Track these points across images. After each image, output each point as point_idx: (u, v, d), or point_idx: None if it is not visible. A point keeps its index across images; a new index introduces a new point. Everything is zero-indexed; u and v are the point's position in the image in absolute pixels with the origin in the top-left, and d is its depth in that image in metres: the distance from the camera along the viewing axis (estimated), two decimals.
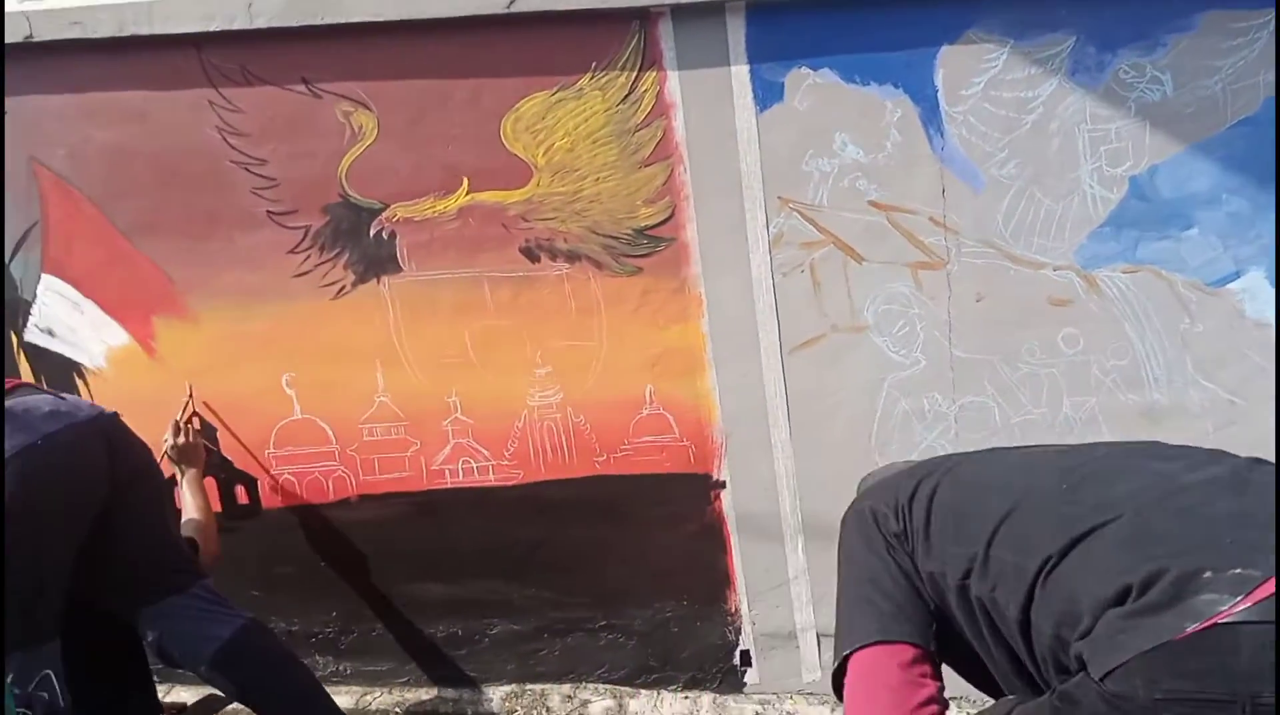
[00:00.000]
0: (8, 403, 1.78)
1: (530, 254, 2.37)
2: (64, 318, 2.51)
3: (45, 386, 2.52)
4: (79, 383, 2.55)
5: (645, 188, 2.30)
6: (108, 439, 1.91)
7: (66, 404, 1.89)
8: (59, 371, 2.55)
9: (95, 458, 1.86)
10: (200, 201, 2.42)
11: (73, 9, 2.29)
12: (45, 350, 2.55)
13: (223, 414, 2.51)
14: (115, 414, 2.04)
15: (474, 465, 2.49)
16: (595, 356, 2.39)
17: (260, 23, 2.25)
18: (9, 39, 2.32)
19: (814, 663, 2.51)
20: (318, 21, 2.23)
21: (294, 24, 2.25)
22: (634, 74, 2.24)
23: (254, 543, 2.61)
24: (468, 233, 2.37)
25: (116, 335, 2.51)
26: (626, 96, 2.26)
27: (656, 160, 2.28)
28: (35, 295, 2.51)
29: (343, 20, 2.23)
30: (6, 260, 2.52)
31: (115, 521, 1.86)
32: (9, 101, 2.42)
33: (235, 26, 2.26)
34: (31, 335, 2.53)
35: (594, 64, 2.25)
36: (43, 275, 2.50)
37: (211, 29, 2.27)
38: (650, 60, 2.23)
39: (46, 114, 2.41)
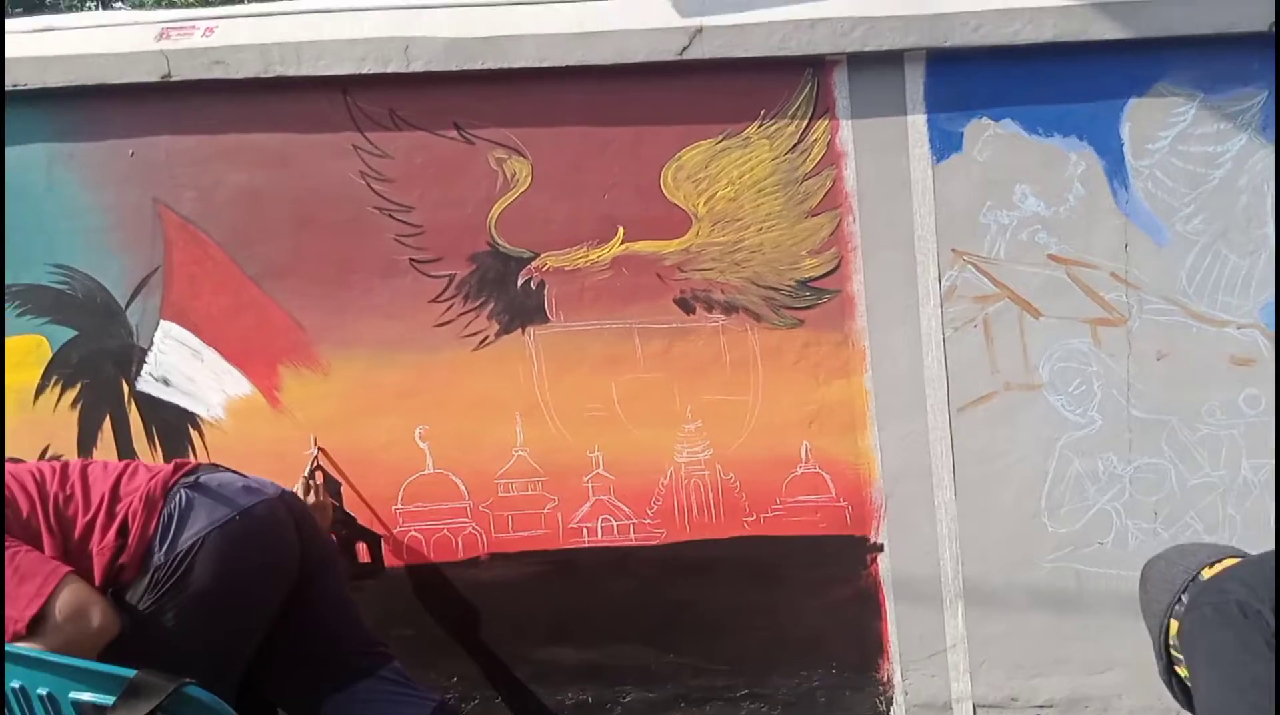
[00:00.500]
0: (203, 478, 1.67)
1: (685, 305, 2.29)
2: (182, 366, 2.41)
3: (158, 438, 2.41)
4: (194, 434, 2.43)
5: (811, 238, 2.24)
6: (295, 517, 1.81)
7: (255, 480, 1.80)
8: (173, 422, 2.45)
9: (289, 534, 1.76)
10: (338, 248, 2.34)
11: (217, 48, 2.20)
12: (159, 400, 2.45)
13: (349, 468, 2.41)
14: (294, 492, 1.93)
15: (614, 523, 2.39)
16: (749, 411, 2.32)
17: (416, 67, 2.19)
18: (144, 78, 2.24)
19: None
20: (478, 66, 2.18)
21: (452, 68, 2.16)
22: (804, 122, 2.20)
23: (374, 603, 2.49)
24: (620, 283, 2.29)
25: (238, 385, 2.41)
26: (795, 145, 2.21)
27: (824, 210, 2.23)
28: (152, 342, 2.40)
29: (505, 66, 2.17)
30: (123, 305, 2.39)
31: (306, 602, 1.75)
32: (136, 143, 2.31)
33: (390, 69, 2.19)
34: (145, 384, 2.43)
35: (763, 112, 2.21)
36: (161, 322, 2.40)
37: (364, 71, 2.18)
38: (822, 108, 2.19)
39: (176, 155, 2.35)
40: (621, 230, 2.30)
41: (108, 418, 2.48)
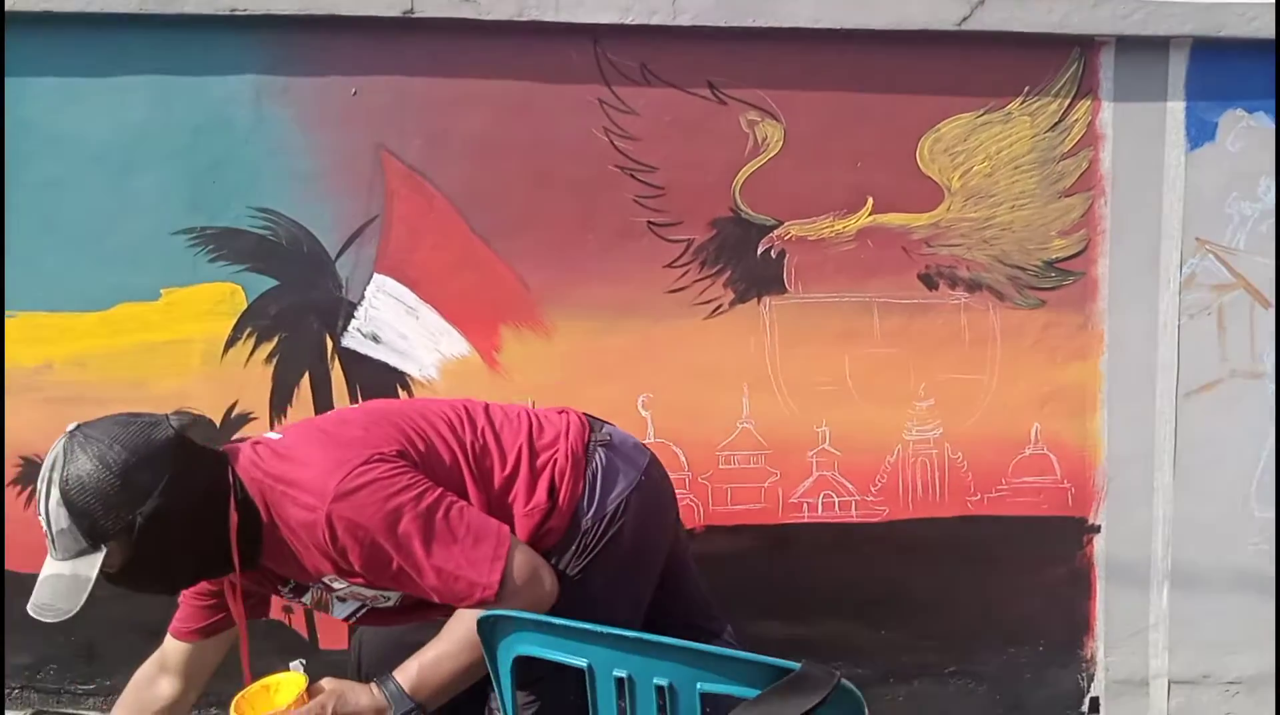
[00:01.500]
0: (612, 436, 1.60)
1: (928, 281, 2.31)
2: (395, 323, 2.32)
3: (362, 399, 2.32)
4: (402, 395, 2.33)
5: (1061, 219, 2.28)
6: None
7: (632, 437, 1.72)
8: (380, 382, 2.38)
9: (673, 492, 1.70)
10: (574, 206, 2.29)
11: None
12: (367, 358, 2.36)
13: None
14: None
15: (836, 500, 2.41)
16: (984, 391, 2.36)
17: (683, 20, 2.13)
18: (384, 12, 2.13)
19: (1161, 709, 2.51)
20: (748, 23, 2.16)
21: (719, 23, 2.12)
22: (1067, 102, 2.24)
23: None
24: (864, 255, 2.30)
25: (455, 345, 2.33)
26: (1056, 124, 2.25)
27: (1077, 191, 2.27)
28: (363, 297, 2.29)
29: (776, 24, 2.15)
30: (333, 256, 2.27)
31: (672, 568, 1.69)
32: (360, 81, 2.20)
33: (654, 21, 2.13)
34: (352, 340, 2.33)
35: (1027, 88, 2.23)
36: (375, 275, 2.30)
37: (626, 21, 2.12)
38: (1086, 89, 2.23)
39: (406, 98, 2.23)
40: (871, 201, 2.30)
41: (306, 375, 2.37)
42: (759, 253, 2.36)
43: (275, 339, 2.39)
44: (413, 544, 1.35)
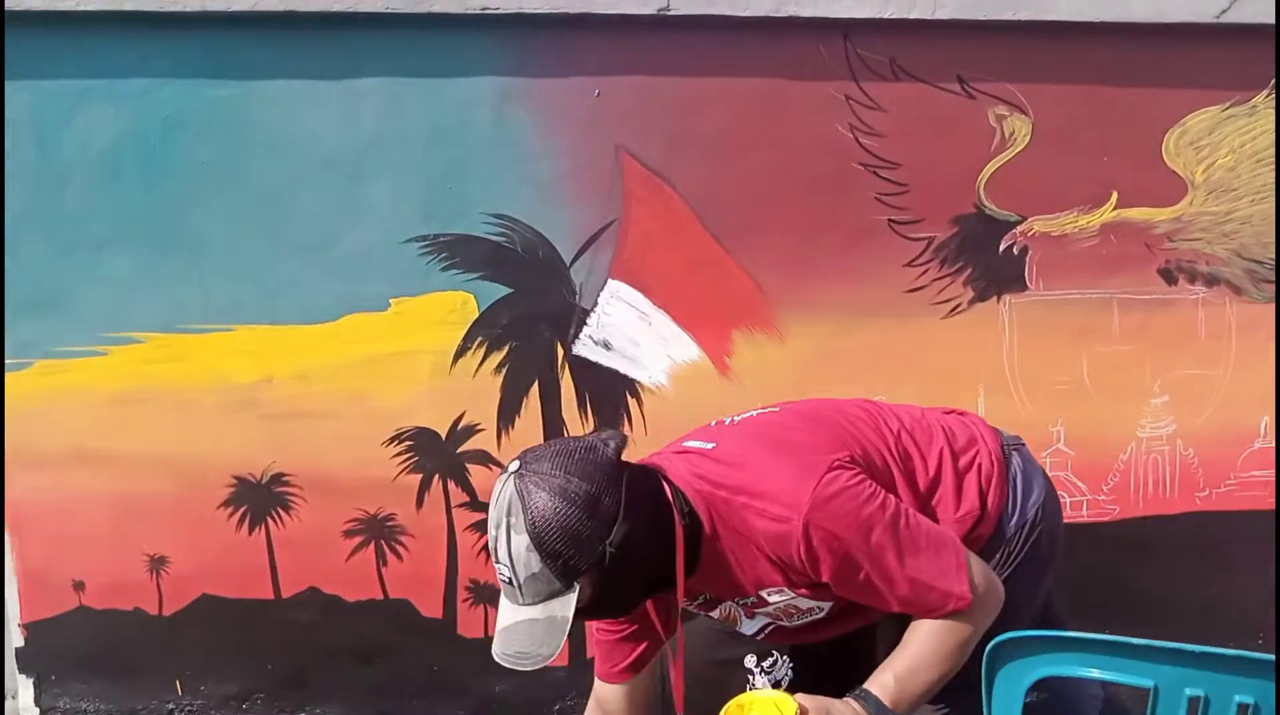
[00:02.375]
0: (1009, 434, 1.58)
1: (1168, 276, 2.32)
2: (627, 330, 2.29)
3: (590, 407, 2.28)
4: (631, 403, 2.31)
5: None
6: None
7: None
8: (609, 390, 2.35)
9: None
10: (813, 205, 2.28)
11: None
12: (596, 366, 2.33)
13: None
14: None
15: (1068, 500, 2.41)
16: (1217, 386, 2.36)
17: (942, 14, 2.13)
18: (638, 10, 2.11)
19: None
20: (1009, 17, 2.14)
21: (979, 17, 2.11)
22: None
23: None
24: (1106, 251, 2.30)
25: (687, 350, 2.30)
26: None
27: None
28: (596, 303, 2.26)
29: (1037, 18, 2.11)
30: (568, 262, 2.24)
31: None
32: (603, 82, 2.17)
33: (913, 15, 2.11)
34: (583, 347, 2.30)
35: (1272, 81, 2.21)
36: (609, 281, 2.26)
37: (884, 15, 2.11)
38: None
39: (649, 98, 2.20)
40: (1115, 195, 2.29)
41: (536, 385, 2.32)
42: (1000, 249, 2.35)
43: (506, 348, 2.34)
44: (885, 555, 1.32)
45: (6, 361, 2.29)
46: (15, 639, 2.38)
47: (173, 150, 2.23)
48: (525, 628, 1.29)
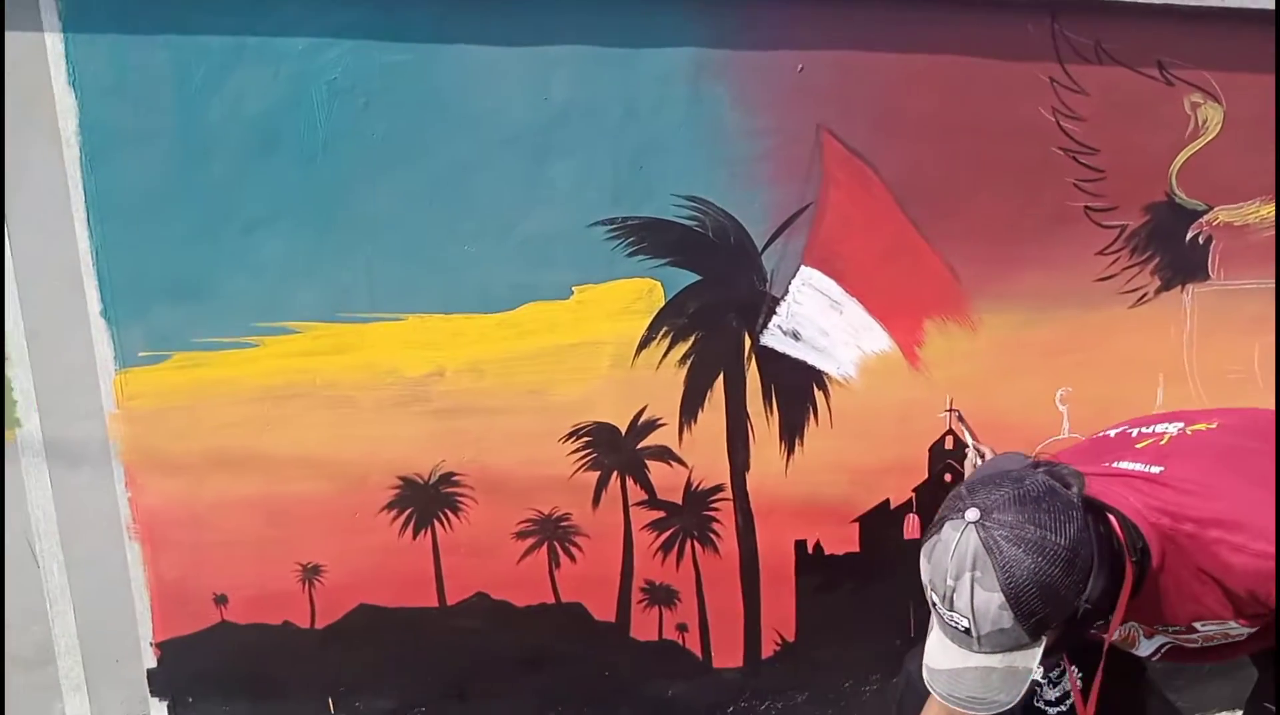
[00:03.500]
0: None
1: None
2: (818, 319, 2.23)
3: (776, 400, 2.22)
4: (817, 396, 2.25)
5: None
6: None
7: None
8: (795, 382, 2.28)
9: None
10: (1013, 191, 2.24)
11: None
12: (784, 357, 2.26)
13: (982, 432, 2.29)
14: None
15: None
16: None
17: None
18: None
19: None
20: (1211, 3, 2.10)
21: (1183, 2, 2.09)
22: None
23: None
24: None
25: (877, 341, 2.26)
26: None
27: None
28: (786, 291, 2.18)
29: (1244, 4, 2.11)
30: (760, 247, 2.15)
31: None
32: (806, 56, 2.07)
33: None
34: (771, 337, 2.23)
35: None
36: (801, 267, 2.18)
37: None
38: None
39: (854, 76, 2.13)
40: None
41: (720, 377, 2.23)
42: (1188, 239, 2.35)
43: (692, 339, 2.24)
44: None
45: (139, 354, 2.07)
46: (147, 659, 2.18)
47: (338, 120, 2.03)
48: (978, 674, 1.24)
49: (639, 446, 2.27)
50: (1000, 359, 2.35)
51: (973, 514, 1.27)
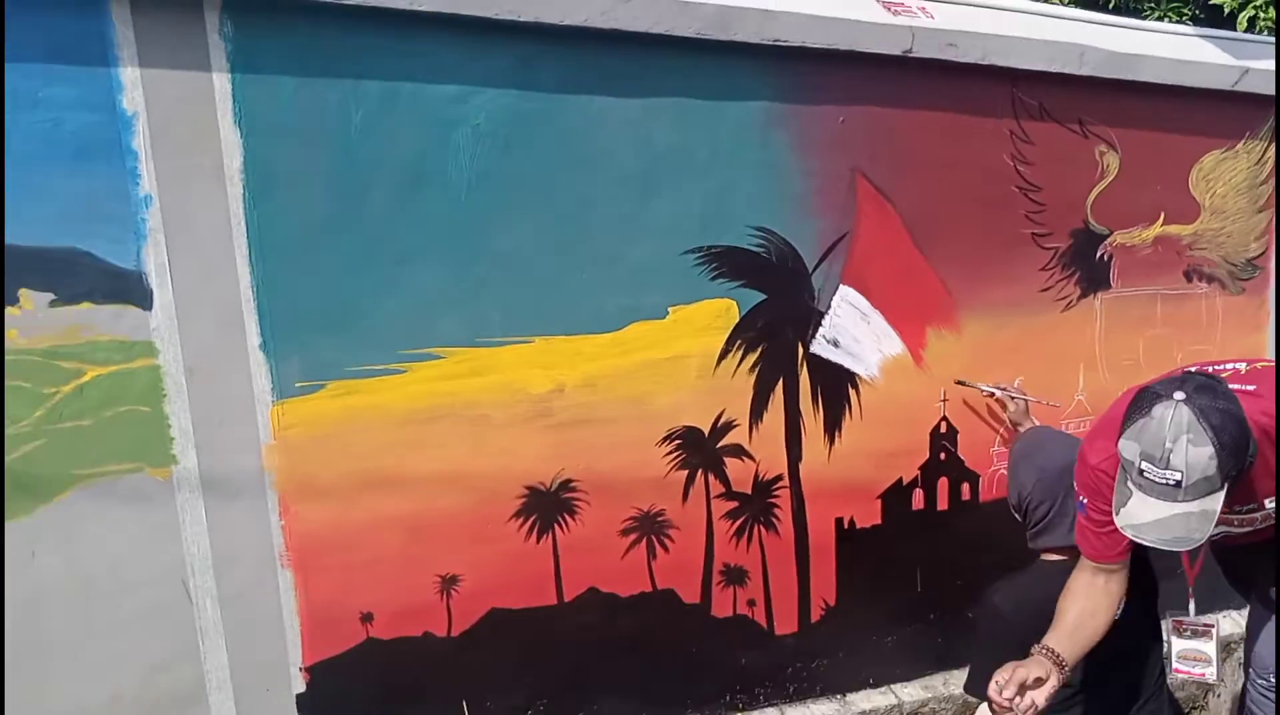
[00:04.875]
0: None
1: (1188, 276, 3.24)
2: (851, 329, 2.76)
3: (821, 400, 2.74)
4: (851, 394, 2.78)
5: (1256, 228, 3.32)
6: None
7: None
8: (834, 383, 2.79)
9: None
10: (985, 221, 2.91)
11: (951, 31, 2.65)
12: (826, 362, 2.77)
13: (956, 418, 2.92)
14: None
15: None
16: (1210, 357, 3.31)
17: (1085, 70, 2.84)
18: (888, 49, 2.60)
19: None
20: (1121, 76, 2.90)
21: (1104, 75, 2.86)
22: (1266, 144, 3.25)
23: (971, 532, 3.01)
24: (1154, 258, 3.18)
25: (893, 345, 2.83)
26: (1259, 160, 3.26)
27: (1265, 209, 3.31)
28: (829, 306, 2.71)
29: (1133, 78, 2.92)
30: (810, 269, 2.67)
31: None
32: (846, 110, 2.63)
33: (1065, 70, 2.81)
34: (817, 346, 2.73)
35: (1247, 134, 3.23)
36: (840, 286, 2.72)
37: (1051, 69, 2.79)
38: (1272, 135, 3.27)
39: (877, 126, 2.70)
40: (1163, 215, 3.14)
41: (780, 381, 2.69)
42: (1097, 257, 3.09)
43: (759, 350, 2.66)
44: None
45: (295, 385, 2.18)
46: (296, 684, 2.25)
47: (480, 161, 2.28)
48: (1180, 520, 1.79)
49: (718, 445, 2.65)
50: (978, 356, 2.96)
51: (1179, 396, 1.81)
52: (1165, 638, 2.45)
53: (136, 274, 2.02)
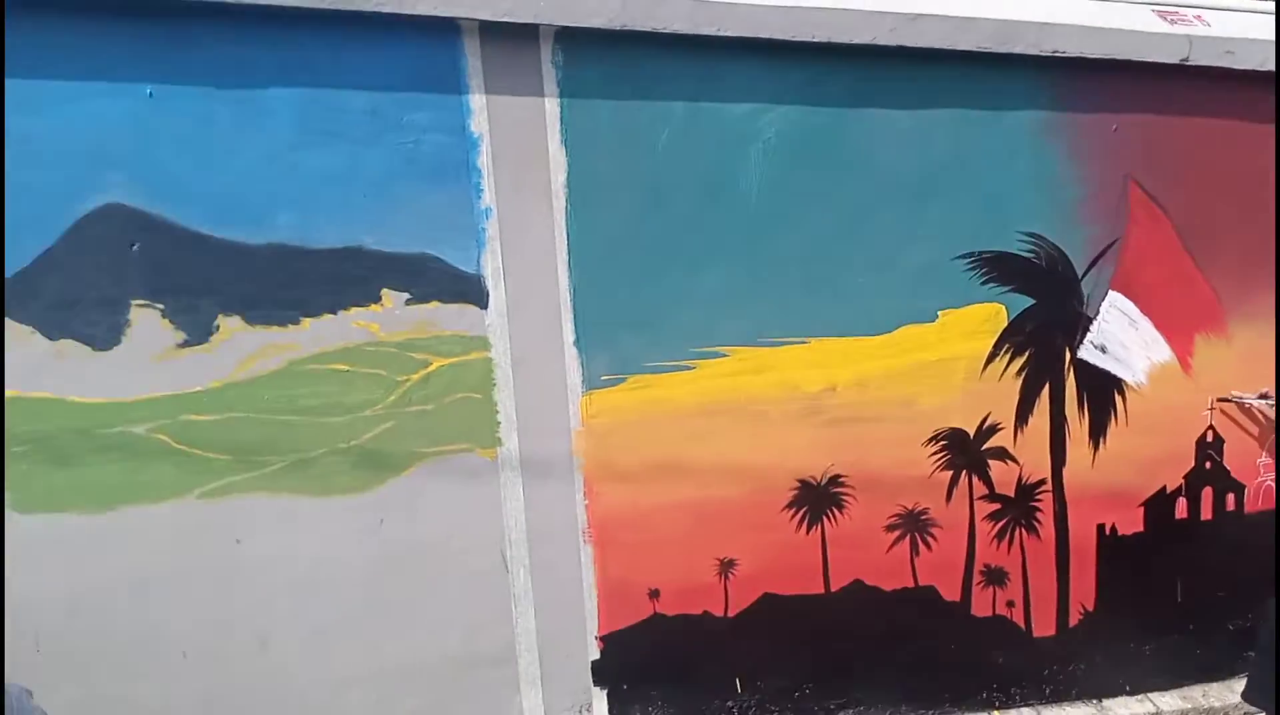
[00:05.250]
0: None
1: None
2: (1120, 335, 2.75)
3: (1086, 405, 2.72)
4: (1117, 400, 2.76)
5: None
6: None
7: None
8: (1100, 389, 2.78)
9: None
10: (1260, 227, 2.80)
11: (1230, 39, 2.58)
12: (1092, 367, 2.77)
13: (1223, 427, 2.85)
14: None
15: None
16: None
17: None
18: (1165, 58, 2.56)
19: None
20: None
21: None
22: None
23: (1229, 545, 2.93)
24: None
25: (1160, 352, 2.80)
26: None
27: None
28: (1097, 312, 2.70)
29: None
30: (1079, 275, 2.67)
31: None
32: (1120, 118, 2.62)
33: None
34: (1085, 352, 2.73)
35: None
36: (1109, 292, 2.71)
37: None
38: None
39: (1157, 133, 2.67)
40: None
41: (1047, 386, 2.71)
42: None
43: (1026, 354, 2.71)
44: None
45: (601, 378, 2.41)
46: (592, 652, 2.48)
47: (768, 173, 2.44)
48: None
49: (983, 447, 2.73)
50: (1247, 364, 2.90)
51: None
52: None
53: (476, 277, 2.30)
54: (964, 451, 2.71)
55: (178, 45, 2.08)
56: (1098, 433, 2.82)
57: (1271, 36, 2.69)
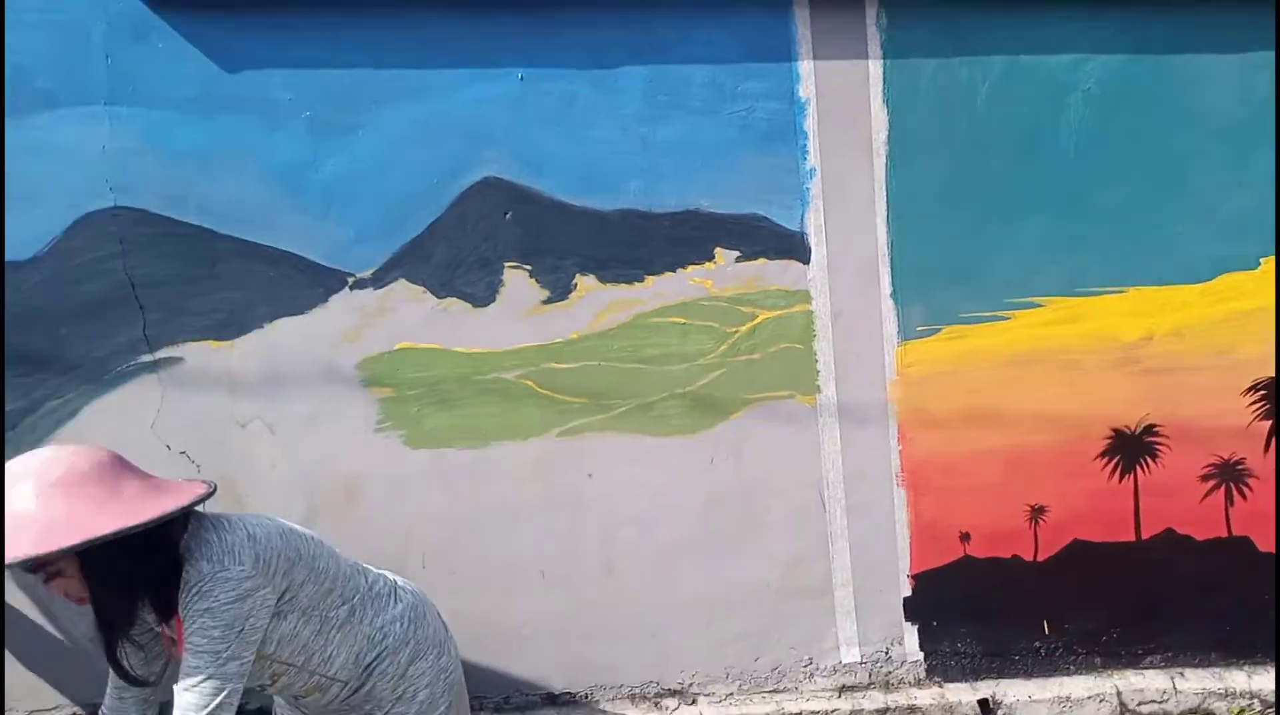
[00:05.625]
0: None
1: None
2: None
3: None
4: None
5: None
6: None
7: None
8: None
9: None
10: None
11: None
12: None
13: None
14: None
15: None
16: None
17: None
18: None
19: None
20: None
21: None
22: None
23: None
24: None
25: None
26: None
27: None
28: None
29: None
30: None
31: None
32: None
33: None
34: None
35: None
36: None
37: None
38: None
39: None
40: None
41: None
42: None
43: None
44: None
45: (917, 328, 2.52)
46: (903, 589, 2.63)
47: (1087, 124, 2.47)
48: None
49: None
50: None
51: None
52: None
53: (799, 235, 2.46)
54: None
55: (543, 33, 2.34)
56: None
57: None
